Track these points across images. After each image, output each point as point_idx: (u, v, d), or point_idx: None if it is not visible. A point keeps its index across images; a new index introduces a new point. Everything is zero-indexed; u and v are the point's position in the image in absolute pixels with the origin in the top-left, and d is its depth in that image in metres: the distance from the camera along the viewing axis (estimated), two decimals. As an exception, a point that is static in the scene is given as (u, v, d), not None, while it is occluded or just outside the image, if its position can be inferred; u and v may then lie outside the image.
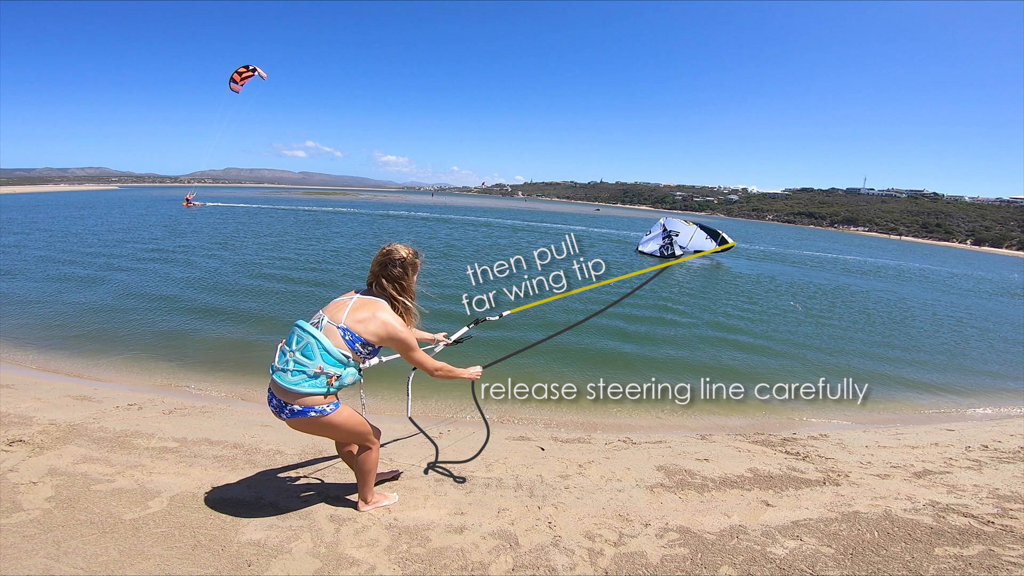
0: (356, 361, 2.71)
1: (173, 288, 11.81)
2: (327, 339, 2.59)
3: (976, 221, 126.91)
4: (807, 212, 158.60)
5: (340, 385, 2.65)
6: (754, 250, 35.89)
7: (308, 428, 2.70)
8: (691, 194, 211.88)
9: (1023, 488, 3.98)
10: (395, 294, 2.75)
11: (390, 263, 2.74)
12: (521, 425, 5.64)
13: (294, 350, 2.59)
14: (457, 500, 3.38)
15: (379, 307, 2.69)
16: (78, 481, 3.27)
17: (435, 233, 30.86)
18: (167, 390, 6.20)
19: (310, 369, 2.55)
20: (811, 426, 6.18)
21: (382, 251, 2.79)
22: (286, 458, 3.89)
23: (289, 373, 2.56)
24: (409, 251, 2.81)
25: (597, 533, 3.06)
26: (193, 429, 4.46)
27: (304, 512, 3.06)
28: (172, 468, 3.59)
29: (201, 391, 6.26)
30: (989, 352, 10.90)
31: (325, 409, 2.63)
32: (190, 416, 4.90)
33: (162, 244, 19.27)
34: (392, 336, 2.67)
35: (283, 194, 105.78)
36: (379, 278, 2.76)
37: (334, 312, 2.66)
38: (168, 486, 3.28)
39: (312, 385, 2.57)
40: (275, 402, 2.65)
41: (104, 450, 3.82)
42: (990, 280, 30.92)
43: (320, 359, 2.56)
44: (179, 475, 3.48)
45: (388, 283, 2.74)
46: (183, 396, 5.89)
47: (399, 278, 2.75)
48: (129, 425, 4.42)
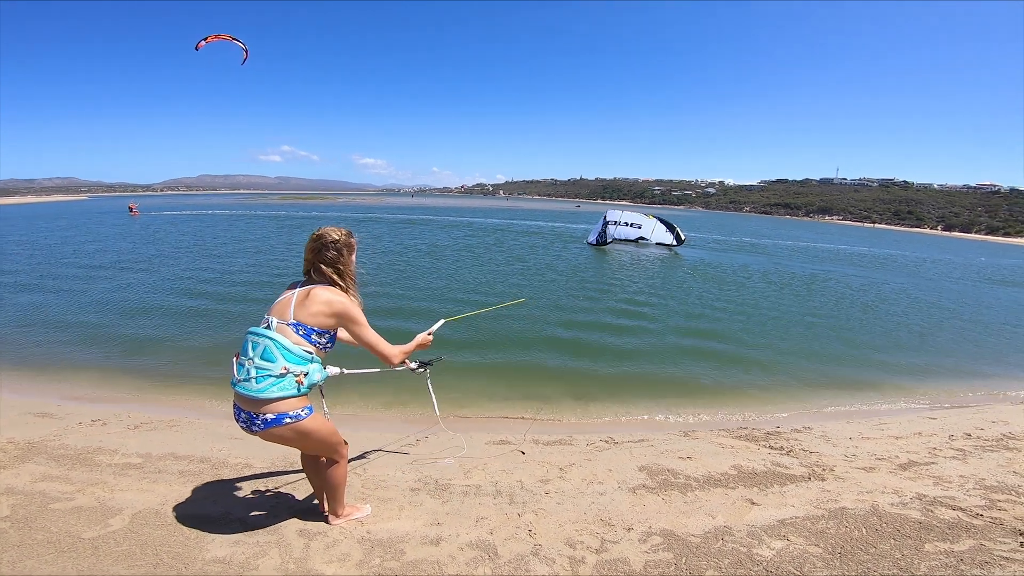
0: (319, 356, 2.63)
1: (139, 296, 11.51)
2: (283, 337, 2.49)
3: (945, 208, 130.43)
4: (783, 203, 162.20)
5: (310, 383, 2.56)
6: (731, 241, 36.42)
7: (283, 437, 2.57)
8: (670, 188, 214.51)
9: (1009, 478, 3.97)
10: (335, 278, 2.65)
11: (323, 247, 2.64)
12: (502, 427, 5.50)
13: (252, 356, 2.48)
14: (433, 510, 3.25)
15: (321, 289, 2.60)
16: (36, 500, 3.14)
17: (418, 235, 30.71)
18: (134, 404, 5.96)
19: (275, 370, 2.45)
20: (794, 418, 6.16)
21: (313, 236, 2.68)
22: (255, 471, 3.74)
23: (253, 380, 2.44)
24: (342, 232, 2.71)
25: (579, 540, 2.95)
26: (159, 444, 4.30)
27: (273, 527, 2.92)
28: (135, 484, 3.45)
29: (170, 404, 6.03)
30: (962, 339, 11.08)
31: (300, 414, 2.53)
32: (157, 431, 4.71)
33: (130, 255, 18.85)
34: (338, 312, 2.58)
35: (259, 200, 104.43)
36: (314, 264, 2.66)
37: (281, 311, 2.56)
38: (130, 503, 3.15)
39: (281, 388, 2.46)
40: (244, 416, 2.52)
41: (64, 468, 3.69)
42: (961, 264, 31.64)
43: (283, 359, 2.47)
44: (142, 491, 3.34)
45: (325, 267, 2.64)
46: (151, 410, 5.65)
47: (334, 261, 2.65)
48: (92, 441, 4.27)
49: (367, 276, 13.61)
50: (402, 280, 13.94)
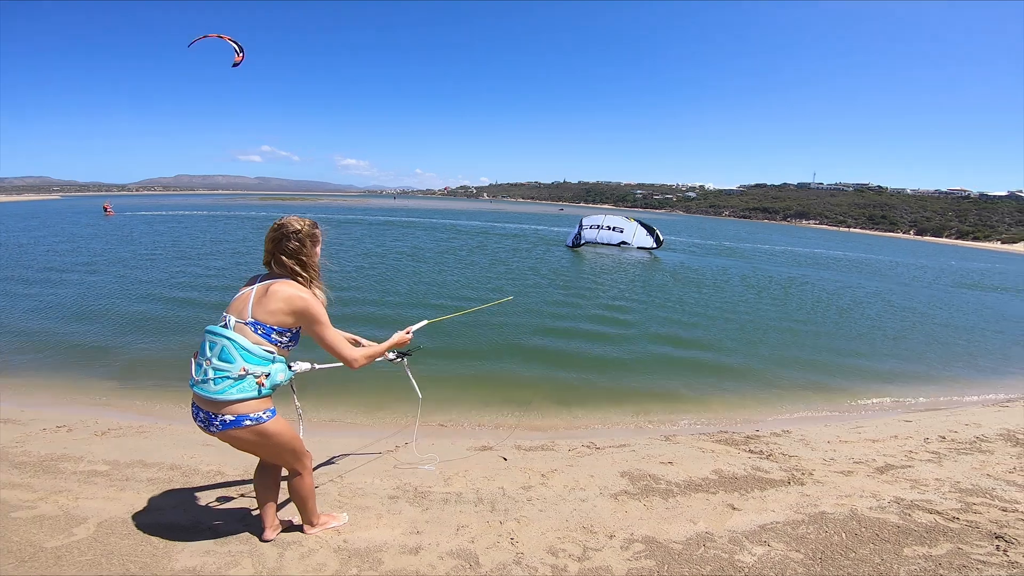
0: (281, 355, 2.50)
1: (112, 299, 11.19)
2: (242, 337, 2.36)
3: (918, 212, 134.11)
4: (761, 207, 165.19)
5: (272, 385, 2.44)
6: (710, 245, 36.82)
7: (242, 440, 2.44)
8: (651, 192, 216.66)
9: (983, 480, 4.03)
10: (296, 269, 2.49)
11: (284, 237, 2.48)
12: (484, 433, 5.44)
13: (210, 357, 2.35)
14: (413, 518, 3.19)
15: (280, 284, 2.44)
16: (-5, 509, 3.01)
17: (400, 237, 30.50)
18: (102, 409, 5.75)
19: (233, 372, 2.32)
20: (773, 422, 6.20)
21: (274, 226, 2.52)
22: (227, 479, 3.64)
23: (211, 382, 2.32)
24: (305, 222, 2.56)
25: (561, 548, 2.92)
26: (127, 450, 4.17)
27: (245, 536, 2.84)
28: (101, 492, 3.34)
29: (140, 409, 5.81)
30: (934, 342, 11.29)
31: (261, 416, 2.40)
32: (125, 436, 4.57)
33: (104, 256, 18.40)
34: (298, 310, 2.42)
35: (238, 201, 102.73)
36: (275, 255, 2.51)
37: (239, 309, 2.43)
38: (96, 511, 3.04)
39: (241, 390, 2.34)
40: (201, 415, 2.40)
41: (27, 475, 3.57)
42: (932, 268, 32.38)
43: (241, 360, 2.34)
44: (109, 500, 3.23)
45: (286, 259, 2.48)
46: (120, 415, 5.48)
47: (296, 252, 2.49)
48: (56, 448, 4.13)
49: (346, 279, 13.50)
50: (383, 283, 13.72)
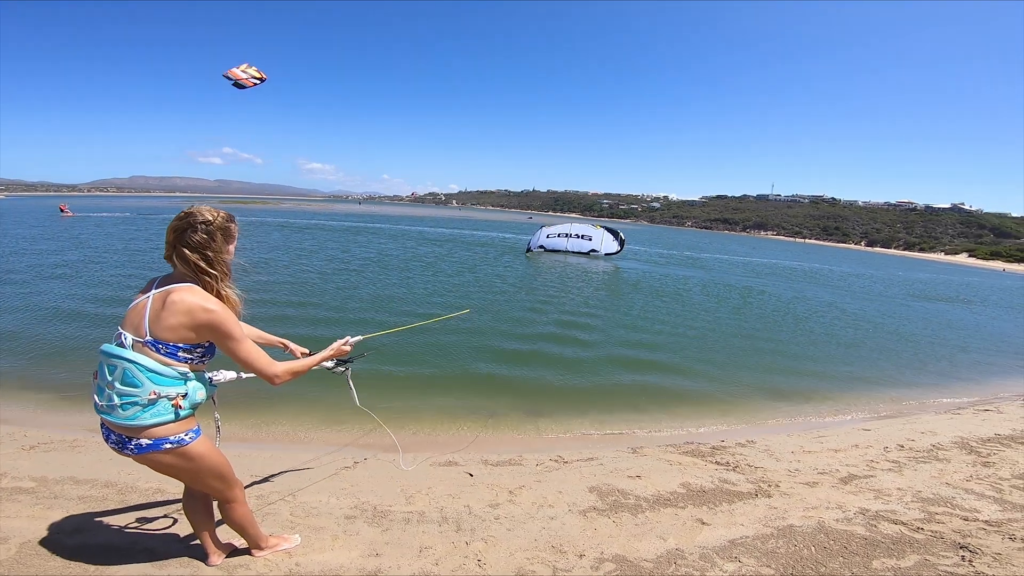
0: (197, 370, 2.17)
1: (52, 302, 10.47)
2: (144, 358, 2.01)
3: (868, 224, 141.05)
4: (722, 218, 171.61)
5: (192, 404, 2.13)
6: (672, 254, 37.50)
7: (162, 464, 2.13)
8: (617, 202, 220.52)
9: (943, 489, 4.10)
10: (201, 265, 2.09)
11: (189, 228, 2.09)
12: (449, 447, 5.20)
13: (112, 381, 2.01)
14: (371, 539, 3.01)
15: (181, 293, 2.04)
16: (-94, 528, 2.70)
17: (365, 243, 29.99)
18: (30, 422, 5.19)
19: (142, 397, 2.00)
20: (737, 432, 6.20)
21: (179, 215, 2.13)
22: (168, 497, 3.35)
23: (118, 408, 1.99)
24: (219, 214, 2.18)
25: (530, 569, 2.79)
26: (57, 466, 3.83)
27: (186, 560, 2.61)
28: (26, 511, 3.05)
29: (72, 423, 5.23)
30: (885, 350, 11.69)
31: (183, 438, 2.10)
32: (56, 451, 4.20)
33: (53, 257, 17.47)
34: (203, 324, 2.04)
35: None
36: (176, 248, 2.10)
37: (135, 324, 2.05)
38: (18, 531, 2.77)
39: (155, 414, 2.02)
40: (113, 437, 2.08)
41: None
42: (882, 279, 33.80)
43: (150, 383, 2.00)
44: (34, 518, 2.95)
45: (189, 253, 2.08)
46: (49, 428, 4.97)
47: (202, 246, 2.09)
48: (-25, 465, 3.75)
49: (308, 286, 13.09)
50: (345, 289, 13.35)
